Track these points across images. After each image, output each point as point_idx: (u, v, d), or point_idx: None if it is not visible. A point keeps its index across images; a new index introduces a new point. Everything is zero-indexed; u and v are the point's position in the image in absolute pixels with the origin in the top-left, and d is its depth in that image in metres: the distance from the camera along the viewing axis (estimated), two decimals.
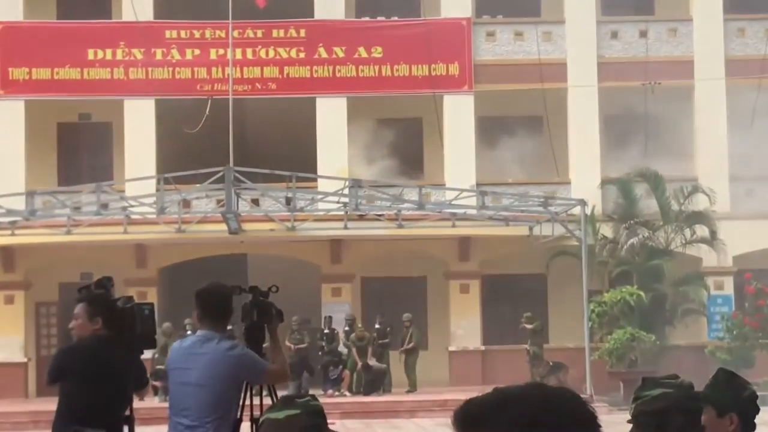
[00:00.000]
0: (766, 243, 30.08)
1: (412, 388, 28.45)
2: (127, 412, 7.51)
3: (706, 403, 4.05)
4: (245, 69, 30.64)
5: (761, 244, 30.10)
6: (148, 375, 8.06)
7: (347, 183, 27.13)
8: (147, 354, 9.96)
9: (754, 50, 31.42)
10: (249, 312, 7.23)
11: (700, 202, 29.80)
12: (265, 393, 7.18)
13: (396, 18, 31.81)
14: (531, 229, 28.92)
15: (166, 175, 26.68)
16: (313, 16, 31.18)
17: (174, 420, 6.83)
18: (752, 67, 30.70)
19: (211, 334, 6.82)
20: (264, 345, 7.27)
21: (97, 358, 7.22)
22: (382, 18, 31.89)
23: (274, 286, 7.47)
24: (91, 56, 30.39)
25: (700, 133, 30.97)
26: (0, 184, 29.14)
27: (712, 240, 29.48)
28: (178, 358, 6.91)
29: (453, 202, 27.46)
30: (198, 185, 27.35)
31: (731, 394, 4.15)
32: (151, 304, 7.79)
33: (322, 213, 28.45)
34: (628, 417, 4.05)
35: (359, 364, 28.21)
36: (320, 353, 28.37)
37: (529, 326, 28.70)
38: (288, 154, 29.59)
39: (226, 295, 6.91)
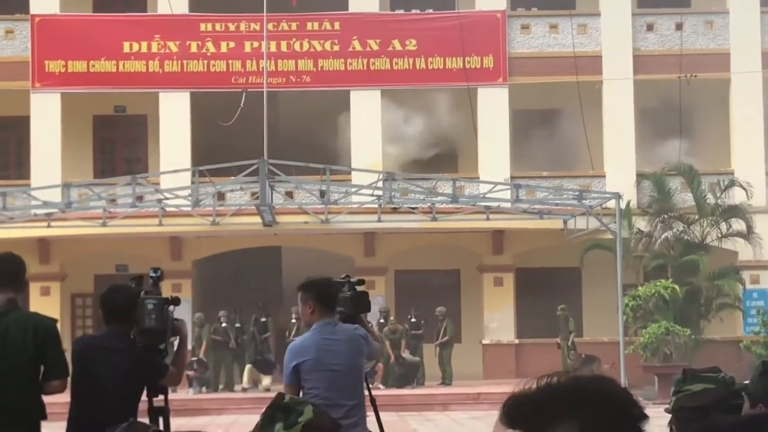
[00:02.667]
0: None
1: (448, 381, 28.45)
2: (162, 404, 7.44)
3: (746, 393, 4.09)
4: (279, 62, 30.69)
5: None
6: (174, 365, 7.67)
7: (381, 176, 27.12)
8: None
9: None
10: (351, 306, 7.78)
11: (736, 196, 29.64)
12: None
13: (430, 11, 31.79)
14: (565, 222, 28.83)
15: (201, 168, 26.73)
16: (347, 9, 31.19)
17: (324, 404, 6.71)
18: None
19: (333, 320, 7.44)
20: None
21: (92, 355, 7.05)
22: (417, 11, 31.88)
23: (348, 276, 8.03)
24: (126, 49, 30.52)
25: (736, 126, 30.81)
26: (36, 176, 29.42)
27: (748, 234, 29.31)
28: (310, 348, 7.31)
29: (487, 195, 27.40)
30: (232, 178, 27.41)
31: (762, 386, 4.17)
32: (159, 298, 7.12)
33: (355, 206, 28.45)
34: (665, 408, 4.05)
35: (392, 356, 28.25)
36: None
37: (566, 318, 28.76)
38: (322, 146, 29.63)
39: (337, 286, 7.66)
